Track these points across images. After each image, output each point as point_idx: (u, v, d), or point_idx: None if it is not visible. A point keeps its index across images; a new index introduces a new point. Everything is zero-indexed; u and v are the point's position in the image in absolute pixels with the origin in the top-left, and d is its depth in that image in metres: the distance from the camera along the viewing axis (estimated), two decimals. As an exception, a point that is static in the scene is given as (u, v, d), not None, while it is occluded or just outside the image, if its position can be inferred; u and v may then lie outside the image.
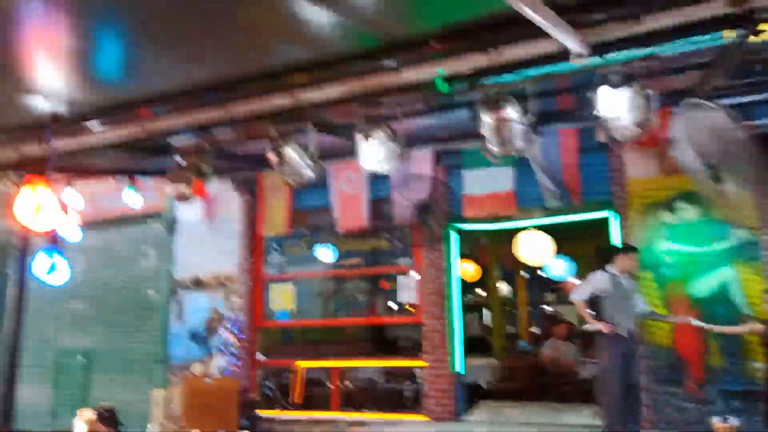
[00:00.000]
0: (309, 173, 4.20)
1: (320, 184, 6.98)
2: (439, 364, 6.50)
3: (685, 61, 3.81)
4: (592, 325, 5.35)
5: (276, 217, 7.55)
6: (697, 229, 5.79)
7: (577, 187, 6.23)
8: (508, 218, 6.70)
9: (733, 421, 5.15)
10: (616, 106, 2.78)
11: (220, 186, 7.67)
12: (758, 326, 5.12)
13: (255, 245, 7.87)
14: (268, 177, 7.52)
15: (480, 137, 6.32)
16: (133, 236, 8.43)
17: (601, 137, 6.29)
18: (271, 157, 4.16)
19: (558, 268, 10.44)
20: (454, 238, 6.94)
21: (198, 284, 7.93)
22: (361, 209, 7.07)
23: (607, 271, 5.44)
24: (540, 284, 14.02)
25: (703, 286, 5.68)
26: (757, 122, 5.47)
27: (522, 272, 11.70)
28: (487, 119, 3.28)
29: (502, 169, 6.56)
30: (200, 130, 4.34)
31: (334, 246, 7.82)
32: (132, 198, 6.60)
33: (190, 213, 7.93)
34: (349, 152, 6.53)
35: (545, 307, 15.34)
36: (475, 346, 9.50)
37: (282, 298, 7.87)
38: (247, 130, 4.64)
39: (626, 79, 2.76)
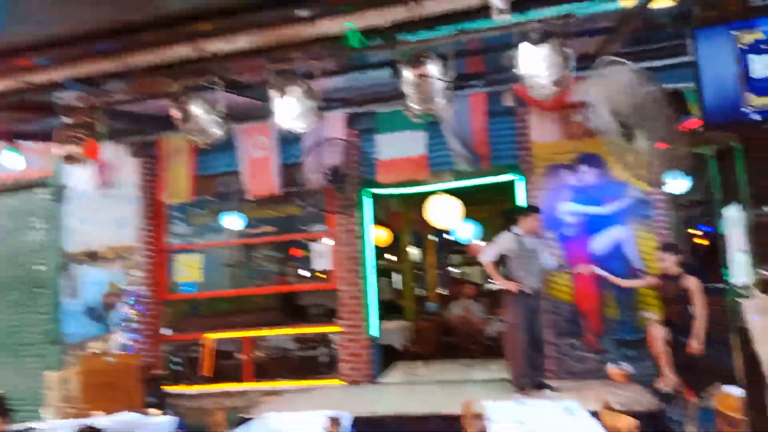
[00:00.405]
0: (217, 132, 3.92)
1: (227, 148, 6.66)
2: (355, 329, 6.51)
3: (594, 24, 3.94)
4: (500, 284, 5.52)
5: (179, 183, 7.12)
6: (596, 191, 6.13)
7: (486, 151, 6.37)
8: (421, 182, 6.74)
9: (627, 368, 5.60)
10: (535, 63, 2.80)
11: (116, 149, 7.11)
12: (652, 280, 5.55)
13: (156, 214, 7.39)
14: (169, 139, 7.05)
15: (394, 99, 6.32)
16: (17, 206, 7.63)
17: (508, 101, 6.53)
18: (175, 114, 3.83)
19: (465, 231, 10.76)
20: (367, 203, 6.88)
21: (92, 257, 7.35)
22: (272, 174, 6.83)
23: (512, 232, 5.61)
24: (447, 247, 14.46)
25: (601, 243, 6.05)
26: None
27: (430, 236, 11.95)
28: (408, 75, 3.20)
29: (414, 133, 6.57)
30: (91, 83, 3.91)
31: (242, 213, 7.53)
32: (13, 162, 5.93)
33: (81, 179, 7.27)
34: (257, 114, 6.29)
35: (452, 269, 15.89)
36: (387, 309, 9.64)
37: (188, 270, 7.49)
38: (144, 85, 4.25)
39: (545, 36, 2.79)
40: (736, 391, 3.96)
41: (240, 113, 5.86)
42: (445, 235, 12.99)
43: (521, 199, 6.48)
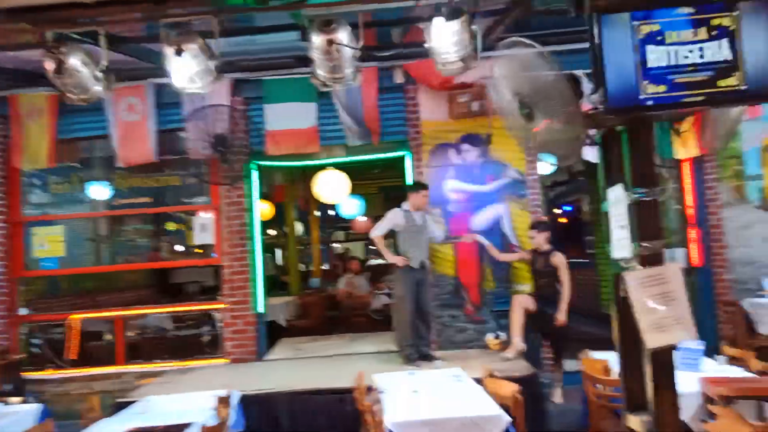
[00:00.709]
0: (98, 89, 3.50)
1: (93, 110, 6.07)
2: (240, 305, 6.29)
3: (491, 5, 4.07)
4: (389, 259, 5.61)
5: (36, 148, 6.37)
6: (478, 169, 6.41)
7: (377, 127, 6.40)
8: (311, 156, 6.62)
9: (503, 336, 5.99)
10: (445, 39, 2.82)
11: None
12: (525, 255, 5.96)
13: (9, 181, 6.56)
14: (25, 97, 6.26)
15: (284, 68, 6.11)
16: None
17: (399, 78, 6.59)
18: (49, 66, 3.35)
19: (350, 206, 10.82)
20: (255, 175, 6.63)
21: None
22: (147, 140, 6.34)
23: (401, 209, 5.71)
24: (330, 223, 14.47)
25: (481, 219, 6.37)
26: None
27: (315, 211, 11.85)
28: (317, 40, 3.06)
29: (305, 105, 6.42)
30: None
31: (112, 182, 6.91)
32: None
33: None
34: (131, 74, 5.76)
35: (335, 245, 15.96)
36: (270, 285, 9.47)
37: (48, 244, 6.76)
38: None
39: (455, 13, 2.81)
40: (602, 356, 4.41)
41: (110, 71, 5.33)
42: (329, 211, 12.99)
43: (409, 176, 6.61)
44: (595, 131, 2.79)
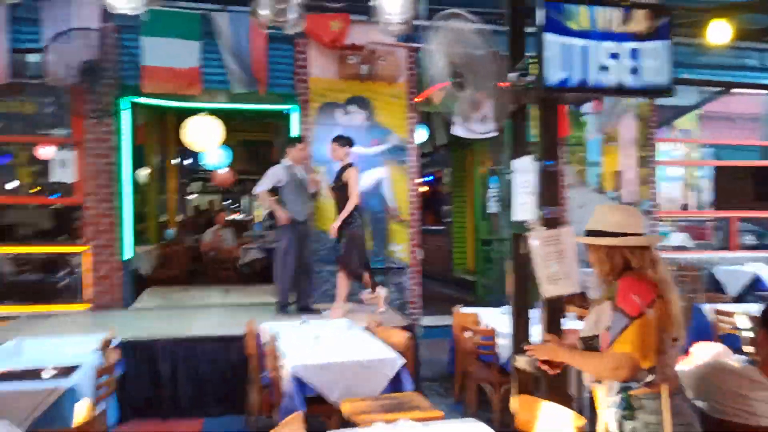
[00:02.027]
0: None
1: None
2: (105, 250, 5.85)
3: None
4: (277, 214, 5.59)
5: None
6: (362, 132, 6.60)
7: (264, 77, 6.26)
8: (190, 98, 6.27)
9: (381, 291, 6.32)
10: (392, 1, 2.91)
11: None
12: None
13: None
14: None
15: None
16: None
17: (289, 30, 6.49)
18: None
19: (214, 157, 10.38)
20: (127, 111, 6.12)
21: None
22: (-4, 59, 5.54)
23: (283, 164, 5.69)
24: (188, 172, 13.74)
25: (364, 180, 6.58)
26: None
27: (175, 158, 11.20)
28: None
29: (188, 43, 6.07)
30: None
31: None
32: None
33: None
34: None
35: (191, 196, 15.21)
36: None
37: None
38: None
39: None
40: (471, 310, 4.94)
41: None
42: (188, 160, 12.34)
43: (294, 130, 6.59)
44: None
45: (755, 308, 4.93)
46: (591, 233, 2.12)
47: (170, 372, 4.63)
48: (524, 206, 2.99)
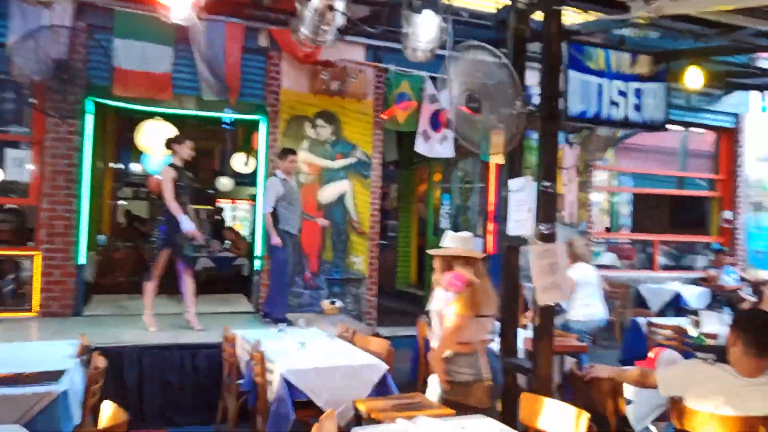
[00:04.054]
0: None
1: None
2: (59, 254, 5.62)
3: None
4: (273, 237, 5.57)
5: None
6: (329, 145, 6.75)
7: (236, 85, 6.29)
8: (161, 102, 6.20)
9: (338, 303, 6.46)
10: (422, 29, 3.13)
11: None
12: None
13: None
14: None
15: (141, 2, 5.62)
16: None
17: (263, 41, 6.57)
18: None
19: (158, 162, 10.11)
20: (91, 113, 5.95)
21: None
22: (-47, 49, 5.25)
23: (277, 177, 5.72)
24: (121, 178, 13.21)
25: (328, 193, 6.74)
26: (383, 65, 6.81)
27: (113, 162, 10.77)
28: (315, 2, 3.06)
29: (161, 48, 6.01)
30: None
31: None
32: None
33: None
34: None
35: (122, 201, 14.56)
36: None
37: None
38: None
39: (437, 8, 3.12)
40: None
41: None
42: (123, 165, 11.91)
43: (261, 142, 6.64)
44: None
45: (681, 321, 5.59)
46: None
47: (135, 381, 4.54)
48: (519, 222, 3.27)
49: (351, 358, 3.86)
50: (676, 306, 8.04)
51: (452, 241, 3.37)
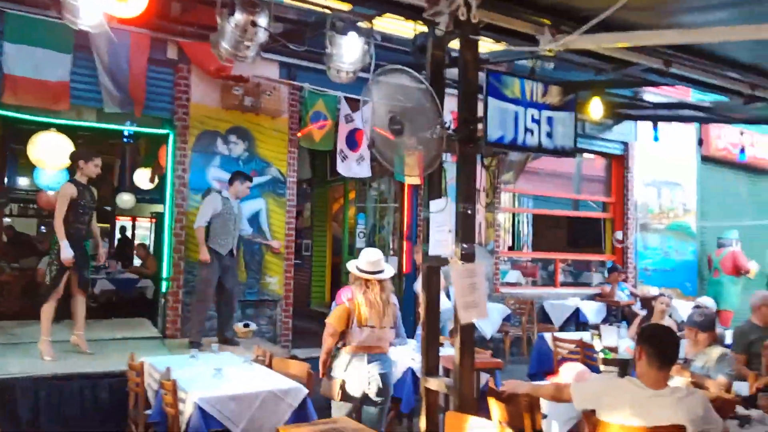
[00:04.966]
0: None
1: None
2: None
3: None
4: (201, 254, 5.51)
5: None
6: (242, 163, 6.58)
7: (142, 98, 6.01)
8: (57, 113, 5.77)
9: (252, 326, 6.26)
10: (346, 50, 3.10)
11: None
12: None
13: None
14: None
15: (35, 6, 5.26)
16: None
17: (172, 53, 6.33)
18: None
19: (51, 177, 9.38)
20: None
21: None
22: None
23: (221, 194, 5.71)
24: (5, 191, 12.11)
25: (244, 210, 6.53)
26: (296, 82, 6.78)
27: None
28: (240, 18, 2.92)
29: (58, 55, 5.64)
30: None
31: None
32: None
33: None
34: None
35: (6, 219, 13.35)
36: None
37: None
38: None
39: (362, 31, 3.09)
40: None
41: None
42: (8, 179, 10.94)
43: (168, 156, 6.35)
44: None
45: (583, 335, 5.94)
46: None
47: (31, 415, 4.13)
48: (440, 242, 3.34)
49: (271, 383, 3.75)
50: (576, 320, 8.55)
51: (365, 261, 3.80)
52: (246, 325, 6.17)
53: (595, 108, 6.48)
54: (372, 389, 3.72)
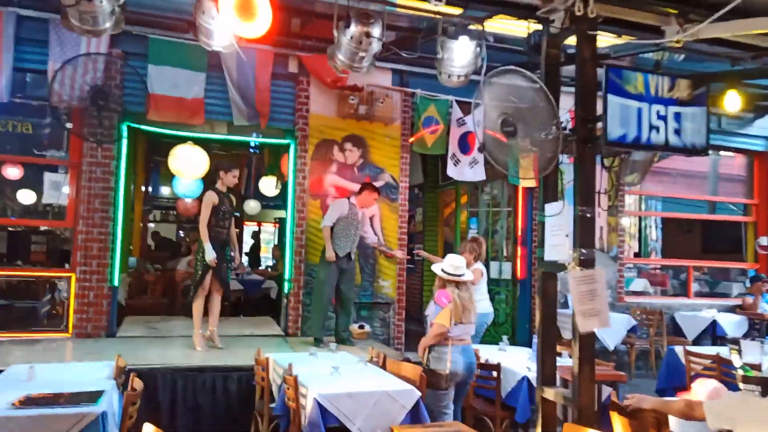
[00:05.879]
0: None
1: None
2: (94, 276, 5.71)
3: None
4: (328, 252, 5.69)
5: None
6: (357, 169, 6.79)
7: (267, 110, 6.39)
8: (192, 127, 6.32)
9: (367, 327, 6.42)
10: (457, 55, 3.14)
11: None
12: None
13: None
14: None
15: (175, 30, 5.79)
16: None
17: (293, 67, 6.68)
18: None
19: (187, 186, 10.26)
20: (127, 137, 6.09)
21: None
22: (-2, 78, 5.44)
23: (348, 200, 5.90)
24: (149, 199, 13.45)
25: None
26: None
27: (143, 184, 10.97)
28: (355, 30, 3.12)
29: (194, 74, 6.16)
30: None
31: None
32: None
33: None
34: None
35: (151, 224, 14.81)
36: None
37: None
38: None
39: (473, 35, 3.14)
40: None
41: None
42: (152, 188, 12.12)
43: (290, 164, 6.72)
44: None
45: (720, 350, 5.40)
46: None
47: (168, 403, 4.54)
48: (556, 247, 3.22)
49: (384, 384, 3.81)
50: (712, 334, 7.83)
51: (449, 265, 4.24)
52: (361, 327, 6.33)
53: (731, 101, 5.91)
54: (463, 376, 4.25)
